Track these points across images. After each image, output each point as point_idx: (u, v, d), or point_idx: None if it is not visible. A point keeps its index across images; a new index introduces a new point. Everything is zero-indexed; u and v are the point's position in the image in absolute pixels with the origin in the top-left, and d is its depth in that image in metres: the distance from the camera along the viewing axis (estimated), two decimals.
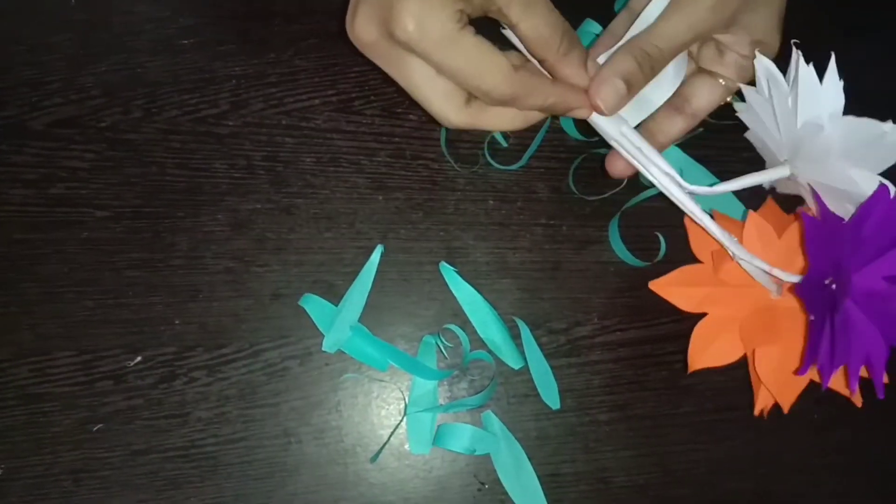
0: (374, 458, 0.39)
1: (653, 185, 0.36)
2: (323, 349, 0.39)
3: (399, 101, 0.42)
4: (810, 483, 0.42)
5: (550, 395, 0.40)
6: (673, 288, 0.39)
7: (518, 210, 0.42)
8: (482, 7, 0.29)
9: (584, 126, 0.38)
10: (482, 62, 0.29)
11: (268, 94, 0.41)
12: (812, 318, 0.33)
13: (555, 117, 0.42)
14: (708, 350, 0.38)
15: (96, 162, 0.39)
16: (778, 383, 0.37)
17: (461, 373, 0.40)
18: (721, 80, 0.36)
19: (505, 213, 0.42)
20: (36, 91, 0.39)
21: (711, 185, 0.36)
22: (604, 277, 0.42)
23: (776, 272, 0.35)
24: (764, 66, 0.33)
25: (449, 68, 0.29)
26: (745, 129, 0.39)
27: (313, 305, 0.39)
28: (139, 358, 0.38)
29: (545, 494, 0.39)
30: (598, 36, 0.37)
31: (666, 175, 0.35)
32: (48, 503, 0.36)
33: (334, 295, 0.39)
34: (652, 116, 0.36)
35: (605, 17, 0.38)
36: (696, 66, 0.37)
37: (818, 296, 0.32)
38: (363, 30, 0.30)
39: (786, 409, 0.37)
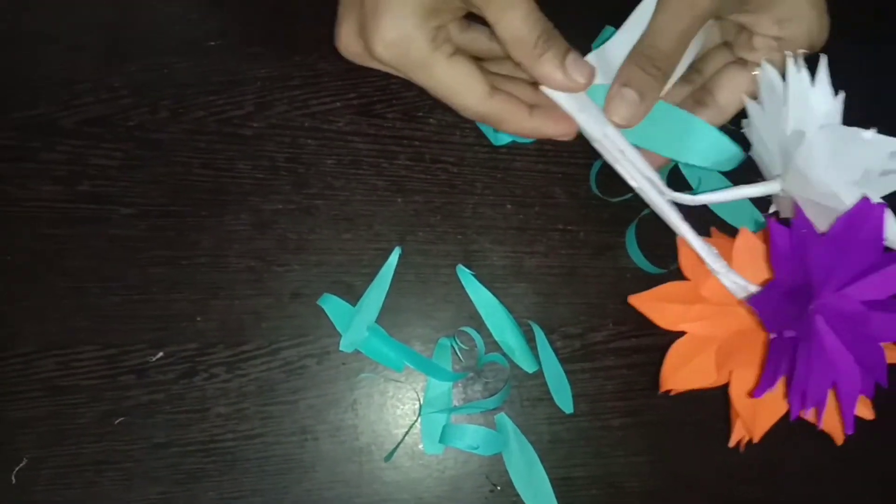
0: (389, 457, 0.39)
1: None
2: (340, 349, 0.39)
3: (419, 105, 0.42)
4: (819, 490, 0.42)
5: (564, 399, 0.40)
6: (652, 303, 0.35)
7: (536, 215, 0.42)
8: (463, 10, 0.29)
9: None
10: (456, 84, 0.29)
11: (292, 97, 0.41)
12: (772, 336, 0.31)
13: None
14: (682, 370, 0.34)
15: (124, 160, 0.40)
16: (750, 410, 0.33)
17: (476, 375, 0.41)
18: (753, 71, 0.33)
19: (522, 218, 0.42)
20: (67, 90, 0.40)
21: (720, 188, 0.35)
22: (620, 283, 0.42)
23: (753, 288, 0.32)
24: (767, 73, 0.31)
25: (425, 87, 0.30)
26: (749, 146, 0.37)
27: (332, 305, 0.39)
28: (161, 353, 0.39)
29: (556, 498, 0.39)
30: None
31: (647, 180, 0.32)
32: (71, 493, 0.37)
33: (352, 295, 0.40)
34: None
35: None
36: (732, 54, 0.34)
37: (781, 312, 0.30)
38: (349, 44, 0.30)
39: (756, 439, 0.33)
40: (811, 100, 0.29)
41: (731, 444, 0.33)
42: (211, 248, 0.40)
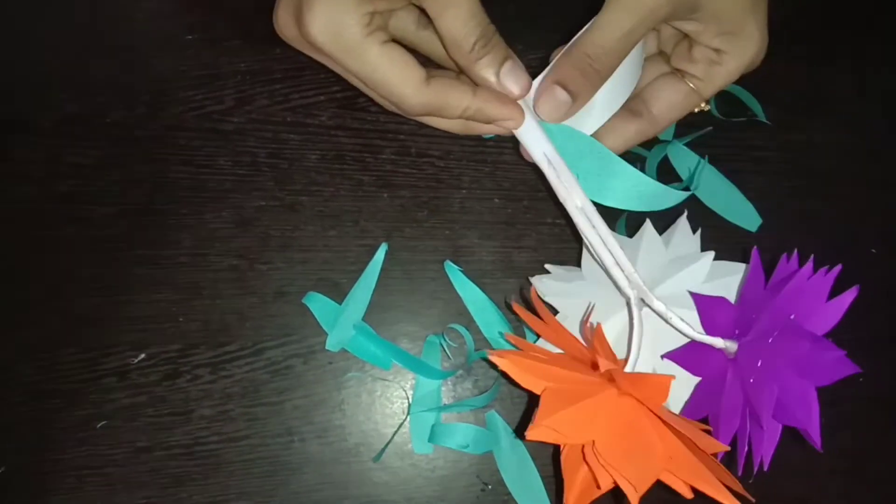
0: (378, 458, 0.39)
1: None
2: (326, 348, 0.38)
3: None
4: (816, 487, 0.41)
5: None
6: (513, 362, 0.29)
7: (524, 209, 0.41)
8: (403, 0, 0.28)
9: None
10: (390, 72, 0.28)
11: (273, 91, 0.40)
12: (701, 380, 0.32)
13: None
14: (554, 417, 0.27)
15: (102, 159, 0.39)
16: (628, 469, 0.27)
17: (465, 372, 0.40)
18: (690, 83, 0.32)
19: (511, 212, 0.41)
20: (41, 89, 0.39)
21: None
22: None
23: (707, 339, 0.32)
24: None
25: (357, 75, 0.29)
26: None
27: (317, 304, 0.39)
28: (143, 355, 0.38)
29: (548, 495, 0.38)
30: None
31: (580, 211, 0.32)
32: (53, 499, 0.37)
33: (338, 293, 0.39)
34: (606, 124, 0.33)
35: None
36: (668, 65, 0.34)
37: (707, 360, 0.32)
38: (284, 26, 0.29)
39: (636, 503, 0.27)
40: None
41: None
42: (192, 247, 0.39)
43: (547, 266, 0.39)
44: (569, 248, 0.41)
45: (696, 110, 0.33)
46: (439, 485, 0.39)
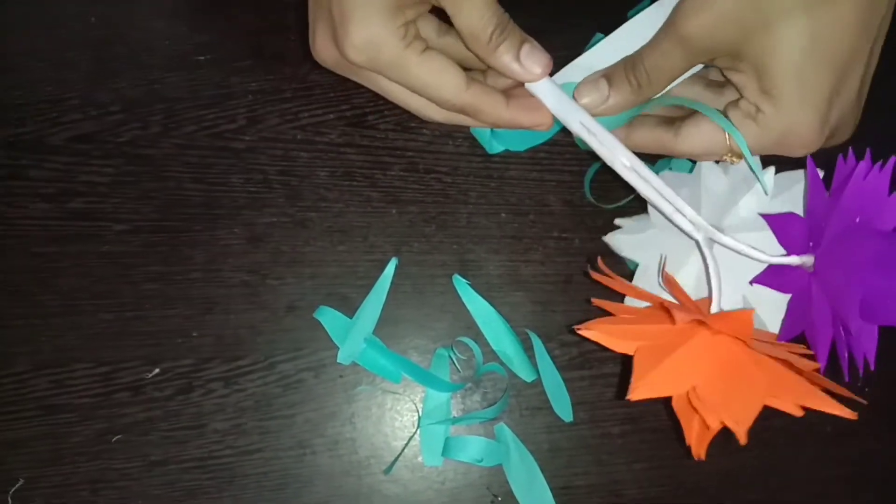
0: (388, 470, 0.39)
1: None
2: (337, 361, 0.39)
3: (412, 116, 0.42)
4: (820, 495, 0.42)
5: (563, 407, 0.40)
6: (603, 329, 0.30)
7: (530, 223, 0.42)
8: (427, 4, 0.29)
9: None
10: (433, 78, 0.29)
11: (283, 109, 0.41)
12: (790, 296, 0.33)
13: None
14: (650, 375, 0.29)
15: (115, 177, 0.39)
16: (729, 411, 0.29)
17: (474, 385, 0.40)
18: (726, 134, 0.31)
19: (517, 227, 0.42)
20: (55, 107, 0.40)
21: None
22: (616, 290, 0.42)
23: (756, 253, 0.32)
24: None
25: (403, 84, 0.30)
26: None
27: (328, 318, 0.39)
28: (157, 370, 0.38)
29: None
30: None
31: (629, 169, 0.32)
32: None
33: (349, 307, 0.40)
34: (640, 117, 0.33)
35: None
36: (718, 97, 0.33)
37: (791, 278, 0.32)
38: (325, 54, 0.30)
39: (743, 440, 0.28)
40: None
41: (696, 453, 0.31)
42: (204, 263, 0.39)
43: (617, 221, 0.39)
44: (575, 261, 0.42)
45: (727, 160, 0.33)
46: (449, 497, 0.39)
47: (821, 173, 0.32)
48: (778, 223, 0.33)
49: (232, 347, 0.39)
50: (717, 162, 0.35)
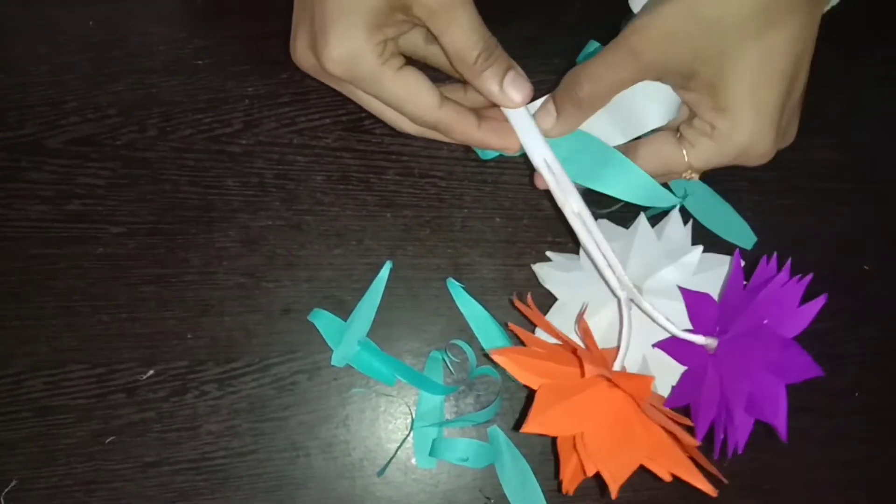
0: (382, 473, 0.39)
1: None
2: (331, 364, 0.39)
3: None
4: (815, 499, 0.42)
5: None
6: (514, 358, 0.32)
7: (524, 227, 0.42)
8: (409, 24, 0.30)
9: None
10: (407, 94, 0.30)
11: (280, 114, 0.42)
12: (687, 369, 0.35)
13: None
14: (548, 412, 0.30)
15: (112, 179, 0.40)
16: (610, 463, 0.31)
17: (467, 388, 0.41)
18: (683, 148, 0.31)
19: (511, 231, 0.42)
20: (54, 110, 0.40)
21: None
22: None
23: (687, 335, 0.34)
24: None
25: (378, 98, 0.31)
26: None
27: (322, 320, 0.39)
28: (152, 371, 0.39)
29: None
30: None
31: (576, 216, 0.33)
32: None
33: (343, 310, 0.40)
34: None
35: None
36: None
37: (691, 353, 0.34)
38: (303, 57, 0.31)
39: (615, 495, 0.30)
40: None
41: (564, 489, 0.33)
42: (200, 266, 0.40)
43: (548, 253, 0.41)
44: None
45: (685, 177, 0.33)
46: (442, 499, 0.39)
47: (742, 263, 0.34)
48: (693, 300, 0.34)
49: (226, 349, 0.39)
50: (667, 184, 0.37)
